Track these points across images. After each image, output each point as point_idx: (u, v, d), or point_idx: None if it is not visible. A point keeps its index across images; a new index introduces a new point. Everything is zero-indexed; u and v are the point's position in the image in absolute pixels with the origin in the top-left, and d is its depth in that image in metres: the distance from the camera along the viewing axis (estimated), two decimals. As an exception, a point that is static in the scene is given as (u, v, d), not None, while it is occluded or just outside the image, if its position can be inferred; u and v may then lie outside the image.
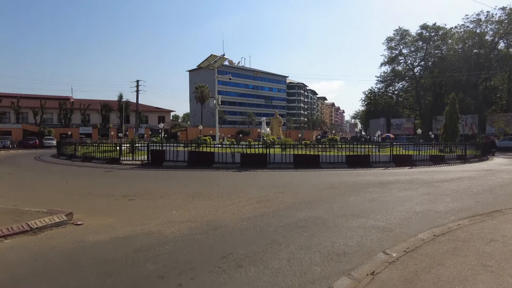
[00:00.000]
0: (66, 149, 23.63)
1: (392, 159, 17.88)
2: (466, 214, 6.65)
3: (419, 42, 57.12)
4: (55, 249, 4.70)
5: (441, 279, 3.60)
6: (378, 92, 65.71)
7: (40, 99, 53.12)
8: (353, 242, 4.95)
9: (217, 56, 23.85)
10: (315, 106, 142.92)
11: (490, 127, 44.28)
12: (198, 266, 4.09)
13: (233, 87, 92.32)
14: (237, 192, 9.07)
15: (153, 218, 6.35)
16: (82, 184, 10.61)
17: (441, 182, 11.03)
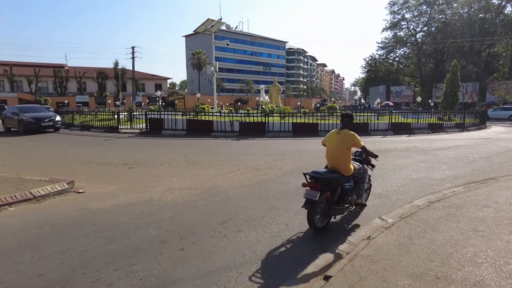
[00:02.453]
0: (63, 118, 23.45)
1: (391, 127, 17.89)
2: (461, 181, 6.78)
3: (423, 6, 55.07)
4: (59, 216, 4.81)
5: (434, 243, 3.73)
6: (379, 59, 64.41)
7: (34, 66, 51.80)
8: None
9: (214, 20, 23.04)
10: (315, 73, 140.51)
11: (490, 95, 43.92)
12: (199, 231, 4.21)
13: (230, 53, 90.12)
14: (236, 160, 9.15)
15: (154, 186, 6.45)
16: (82, 153, 10.65)
17: (438, 150, 11.13)
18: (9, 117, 18.53)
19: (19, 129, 17.34)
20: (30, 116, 17.45)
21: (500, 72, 52.33)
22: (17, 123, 17.50)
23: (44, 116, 18.08)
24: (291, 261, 3.44)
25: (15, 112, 18.08)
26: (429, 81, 54.14)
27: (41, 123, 17.35)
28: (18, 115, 17.52)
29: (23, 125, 17.03)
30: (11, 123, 18.38)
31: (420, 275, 3.03)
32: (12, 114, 18.32)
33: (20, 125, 17.27)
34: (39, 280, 3.07)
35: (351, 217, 4.72)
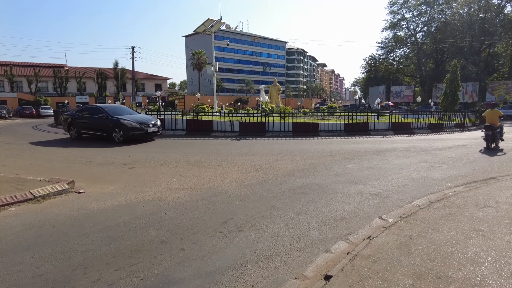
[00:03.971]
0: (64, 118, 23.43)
1: (391, 127, 17.90)
2: (462, 181, 6.78)
3: (423, 6, 55.12)
4: (59, 216, 4.81)
5: (434, 243, 3.73)
6: (379, 59, 64.46)
7: (34, 67, 51.81)
8: (350, 208, 5.08)
9: (214, 20, 23.03)
10: (315, 73, 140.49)
11: (490, 95, 43.91)
12: (200, 231, 4.21)
13: (230, 53, 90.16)
14: (236, 160, 9.15)
15: (154, 186, 6.45)
16: (82, 153, 10.64)
17: (439, 149, 11.13)
18: (82, 120, 14.18)
19: (114, 137, 13.02)
20: (132, 119, 13.31)
21: (500, 72, 52.36)
22: (105, 128, 13.31)
23: (147, 119, 14.04)
24: (292, 261, 3.43)
25: (99, 113, 13.70)
26: (429, 81, 54.16)
27: (147, 129, 13.40)
28: (106, 118, 13.35)
29: (124, 132, 12.85)
30: (88, 127, 14.10)
31: (421, 275, 3.03)
32: (89, 115, 14.08)
33: (114, 130, 13.05)
34: (39, 280, 3.06)
35: (351, 217, 4.72)
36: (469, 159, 9.26)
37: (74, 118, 14.49)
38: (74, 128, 14.47)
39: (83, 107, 15.95)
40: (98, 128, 13.72)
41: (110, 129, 13.15)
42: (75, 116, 14.65)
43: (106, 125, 13.28)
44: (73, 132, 14.55)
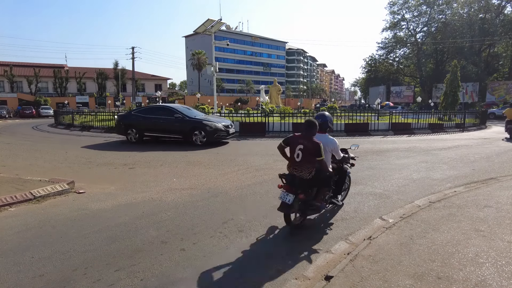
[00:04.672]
0: (63, 118, 23.46)
1: (391, 127, 17.90)
2: (462, 181, 6.77)
3: (423, 7, 55.13)
4: (59, 216, 4.80)
5: (435, 243, 3.73)
6: (379, 59, 64.47)
7: (34, 67, 51.81)
8: (350, 208, 5.08)
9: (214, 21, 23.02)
10: (315, 73, 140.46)
11: (491, 95, 43.92)
12: (200, 231, 4.20)
13: (230, 53, 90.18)
14: (236, 160, 9.14)
15: (154, 186, 6.44)
16: (82, 153, 10.64)
17: (439, 150, 11.12)
18: (148, 121, 12.79)
19: (194, 139, 12.10)
20: (213, 120, 12.71)
21: (500, 72, 52.36)
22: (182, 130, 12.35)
23: (225, 121, 13.53)
24: (292, 261, 3.43)
25: (175, 114, 12.50)
26: (429, 81, 54.17)
27: (228, 130, 12.70)
28: (183, 119, 12.39)
29: (207, 134, 12.04)
30: (158, 130, 12.84)
31: (421, 275, 3.02)
32: (160, 116, 12.72)
33: (194, 133, 12.11)
34: (39, 281, 3.06)
35: (351, 217, 4.71)
36: (469, 159, 9.26)
37: (136, 120, 12.98)
38: (134, 130, 12.92)
39: (145, 108, 14.12)
40: (173, 130, 12.62)
41: (189, 131, 12.16)
42: (136, 117, 13.12)
43: (184, 127, 12.27)
44: (132, 135, 12.97)
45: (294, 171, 4.35)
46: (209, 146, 11.96)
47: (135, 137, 12.98)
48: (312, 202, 4.31)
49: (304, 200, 4.15)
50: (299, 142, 4.28)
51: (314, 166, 4.19)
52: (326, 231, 4.24)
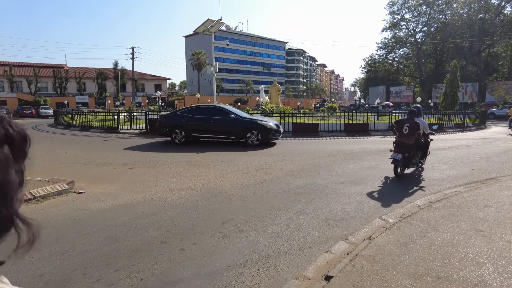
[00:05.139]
0: (63, 118, 23.46)
1: (391, 127, 17.90)
2: (462, 181, 6.77)
3: (423, 7, 55.20)
4: (59, 216, 4.80)
5: (435, 243, 3.72)
6: (379, 59, 64.52)
7: (34, 67, 51.79)
8: (350, 208, 5.07)
9: (213, 21, 23.02)
10: (315, 73, 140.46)
11: (490, 95, 43.94)
12: (200, 231, 4.20)
13: (230, 53, 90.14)
14: (236, 160, 9.13)
15: (154, 186, 6.44)
16: (82, 153, 10.63)
17: (439, 150, 11.12)
18: (196, 122, 12.44)
19: (248, 139, 11.94)
20: (267, 120, 12.71)
21: (499, 72, 52.41)
22: (235, 130, 12.11)
23: (275, 122, 13.38)
24: (292, 261, 3.42)
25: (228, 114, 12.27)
26: (428, 81, 54.21)
27: (280, 130, 12.86)
28: (236, 119, 12.17)
29: (262, 134, 11.97)
30: (208, 130, 12.52)
31: (421, 275, 3.02)
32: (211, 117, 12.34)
33: (250, 133, 11.92)
34: (39, 281, 3.05)
35: (351, 217, 4.71)
36: (469, 159, 9.26)
37: (183, 120, 12.52)
38: (181, 131, 12.47)
39: (191, 108, 13.50)
40: (225, 131, 12.34)
41: (243, 132, 12.00)
42: (183, 117, 12.61)
43: (238, 127, 12.08)
44: (179, 136, 12.52)
45: (402, 139, 7.16)
46: (263, 146, 11.79)
47: (182, 138, 12.55)
48: (411, 160, 7.22)
49: (407, 158, 7.03)
50: (406, 122, 7.26)
51: (414, 136, 7.09)
52: (325, 231, 4.24)
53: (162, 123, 13.18)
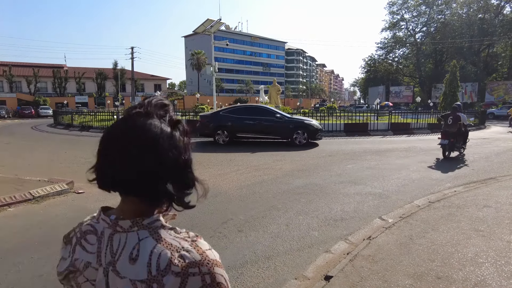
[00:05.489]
0: (63, 118, 23.46)
1: (390, 127, 17.91)
2: (461, 181, 6.78)
3: (422, 7, 55.25)
4: (58, 216, 4.80)
5: (434, 243, 3.73)
6: (378, 59, 64.51)
7: (33, 67, 51.72)
8: (350, 208, 5.07)
9: (213, 21, 23.02)
10: (314, 73, 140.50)
11: (490, 95, 43.98)
12: (199, 231, 4.17)
13: (230, 53, 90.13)
14: (235, 160, 9.13)
15: (154, 186, 6.42)
16: (81, 153, 10.63)
17: (438, 150, 11.12)
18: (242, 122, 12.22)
19: (295, 139, 11.95)
20: (313, 121, 12.89)
21: (499, 72, 52.43)
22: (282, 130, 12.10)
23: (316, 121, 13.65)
24: (292, 261, 3.42)
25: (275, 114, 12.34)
26: (428, 81, 54.22)
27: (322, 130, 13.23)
28: (282, 119, 12.21)
29: (309, 134, 12.06)
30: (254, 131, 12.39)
31: (421, 275, 3.02)
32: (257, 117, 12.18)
33: (296, 133, 11.97)
34: (39, 281, 3.05)
35: (351, 217, 4.71)
36: (469, 159, 9.27)
37: (227, 120, 12.33)
38: (224, 131, 12.25)
39: (234, 108, 13.32)
40: (271, 131, 12.27)
41: (290, 132, 11.99)
42: (226, 118, 12.42)
43: (285, 127, 12.05)
44: (222, 136, 12.31)
45: (447, 128, 9.39)
46: (309, 146, 11.78)
47: (226, 139, 12.33)
48: (455, 144, 9.35)
49: (451, 143, 9.20)
50: (450, 115, 9.64)
51: (457, 126, 9.24)
52: (325, 231, 4.24)
53: (204, 124, 12.72)
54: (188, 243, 0.70)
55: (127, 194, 0.72)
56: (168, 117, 0.72)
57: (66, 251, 0.78)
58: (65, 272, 0.74)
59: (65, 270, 0.74)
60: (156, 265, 0.63)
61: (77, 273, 0.72)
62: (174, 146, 0.69)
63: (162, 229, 0.71)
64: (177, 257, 0.64)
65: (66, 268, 0.74)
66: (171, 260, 0.63)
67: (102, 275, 0.68)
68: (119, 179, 0.69)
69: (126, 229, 0.69)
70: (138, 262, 0.65)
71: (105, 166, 0.72)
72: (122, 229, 0.70)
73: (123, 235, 0.69)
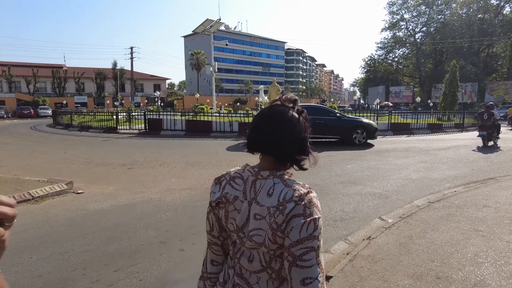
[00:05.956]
0: (62, 118, 23.45)
1: (390, 127, 17.91)
2: (461, 181, 6.78)
3: (422, 7, 55.31)
4: (57, 217, 4.79)
5: (434, 243, 3.73)
6: (378, 59, 64.53)
7: (32, 67, 51.68)
8: (350, 208, 5.07)
9: (213, 21, 23.04)
10: (314, 73, 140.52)
11: (489, 95, 44.01)
12: (199, 231, 4.19)
13: (229, 53, 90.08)
14: (235, 160, 9.13)
15: (153, 186, 6.43)
16: (81, 153, 10.62)
17: (438, 150, 11.14)
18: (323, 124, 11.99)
19: (354, 139, 12.13)
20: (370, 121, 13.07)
21: (499, 73, 52.50)
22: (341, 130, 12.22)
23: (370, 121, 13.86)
24: (292, 262, 3.41)
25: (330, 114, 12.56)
26: (428, 82, 54.27)
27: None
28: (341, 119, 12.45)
29: (368, 133, 12.31)
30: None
31: (420, 275, 3.02)
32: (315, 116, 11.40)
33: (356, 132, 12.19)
34: (38, 281, 3.05)
35: (351, 218, 4.71)
36: (469, 160, 9.27)
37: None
38: None
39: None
40: (330, 131, 12.20)
41: (349, 131, 12.10)
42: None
43: (344, 127, 12.13)
44: None
45: (483, 123, 11.78)
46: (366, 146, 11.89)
47: None
48: (492, 135, 11.78)
49: (489, 133, 11.65)
50: (485, 112, 12.02)
51: (491, 121, 11.69)
52: (324, 231, 4.23)
53: None
54: (304, 189, 1.01)
55: (267, 155, 1.07)
56: (296, 107, 1.06)
57: (216, 188, 1.15)
58: (217, 201, 1.12)
59: (217, 199, 1.11)
60: (283, 197, 0.98)
61: (227, 204, 1.08)
62: (299, 126, 1.04)
63: (287, 178, 1.05)
64: (295, 194, 0.97)
65: (218, 198, 1.11)
66: (292, 194, 0.97)
67: (246, 205, 1.04)
68: (262, 144, 1.06)
69: (265, 177, 1.05)
70: (272, 196, 1.00)
71: (254, 135, 1.08)
72: (262, 177, 1.05)
73: (263, 181, 1.04)
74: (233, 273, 1.11)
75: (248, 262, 1.07)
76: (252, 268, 1.06)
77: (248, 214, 1.03)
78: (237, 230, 1.06)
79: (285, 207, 0.96)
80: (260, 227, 1.00)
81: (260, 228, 1.00)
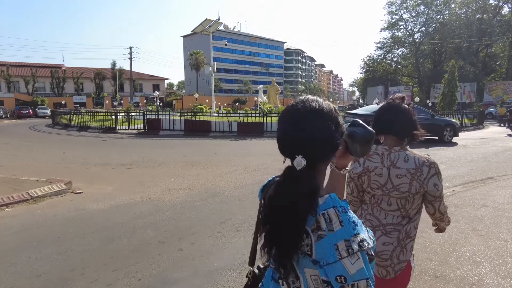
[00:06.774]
0: (61, 118, 23.40)
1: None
2: (460, 181, 6.80)
3: (421, 7, 55.29)
4: (56, 217, 4.79)
5: (432, 242, 3.74)
6: (377, 59, 64.50)
7: (31, 67, 51.51)
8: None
9: (212, 21, 23.03)
10: (313, 73, 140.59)
11: (488, 95, 44.07)
12: (198, 231, 4.20)
13: (228, 53, 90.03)
14: (234, 160, 9.13)
15: (152, 186, 6.43)
16: (79, 153, 10.61)
17: (437, 150, 11.15)
18: None
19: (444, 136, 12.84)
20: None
21: (497, 73, 52.54)
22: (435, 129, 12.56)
23: None
24: (290, 261, 3.42)
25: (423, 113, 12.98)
26: (427, 81, 54.29)
27: None
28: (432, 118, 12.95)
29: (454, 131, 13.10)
30: None
31: (419, 274, 3.03)
32: None
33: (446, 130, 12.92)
34: (37, 281, 3.05)
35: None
36: (467, 159, 9.29)
37: None
38: None
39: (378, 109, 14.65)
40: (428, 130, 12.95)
41: (441, 130, 12.82)
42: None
43: (437, 126, 12.70)
44: None
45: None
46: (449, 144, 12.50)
47: None
48: None
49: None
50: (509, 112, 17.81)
51: None
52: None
53: None
54: (426, 155, 1.53)
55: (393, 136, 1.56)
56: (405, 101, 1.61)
57: (356, 164, 1.61)
58: (360, 172, 1.59)
59: (360, 172, 1.59)
60: (418, 162, 1.50)
61: (368, 172, 1.56)
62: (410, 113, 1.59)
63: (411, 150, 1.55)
64: (425, 159, 1.51)
65: (361, 170, 1.58)
66: (423, 160, 1.51)
67: (386, 170, 1.53)
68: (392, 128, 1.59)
69: (397, 150, 1.54)
70: (409, 161, 1.51)
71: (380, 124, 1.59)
72: (395, 150, 1.53)
73: (396, 153, 1.53)
74: (366, 213, 1.63)
75: (387, 205, 1.58)
76: (389, 208, 1.57)
77: (388, 175, 1.52)
78: (381, 186, 1.55)
79: (422, 169, 1.49)
80: (403, 182, 1.50)
81: (403, 183, 1.50)
